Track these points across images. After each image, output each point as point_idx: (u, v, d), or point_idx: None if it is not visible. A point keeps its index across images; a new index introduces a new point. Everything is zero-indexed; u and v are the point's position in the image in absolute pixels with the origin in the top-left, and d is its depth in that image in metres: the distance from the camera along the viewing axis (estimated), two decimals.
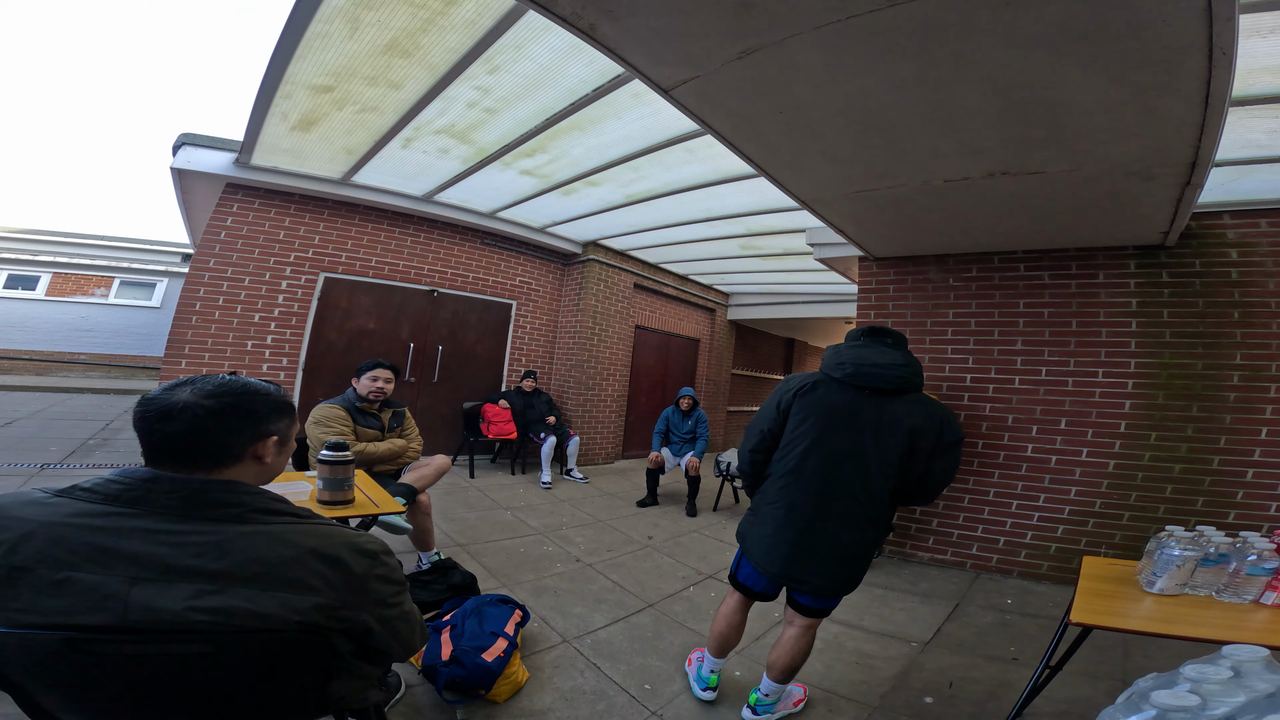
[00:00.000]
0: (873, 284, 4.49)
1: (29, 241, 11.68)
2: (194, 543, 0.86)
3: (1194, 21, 1.50)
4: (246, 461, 0.98)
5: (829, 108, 2.20)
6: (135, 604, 0.86)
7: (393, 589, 1.03)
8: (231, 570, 0.87)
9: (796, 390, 1.90)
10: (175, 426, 0.90)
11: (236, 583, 0.87)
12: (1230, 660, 1.05)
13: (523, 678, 2.09)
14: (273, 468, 1.04)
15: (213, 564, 0.86)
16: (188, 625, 0.86)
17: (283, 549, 0.91)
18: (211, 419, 0.92)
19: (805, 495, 1.81)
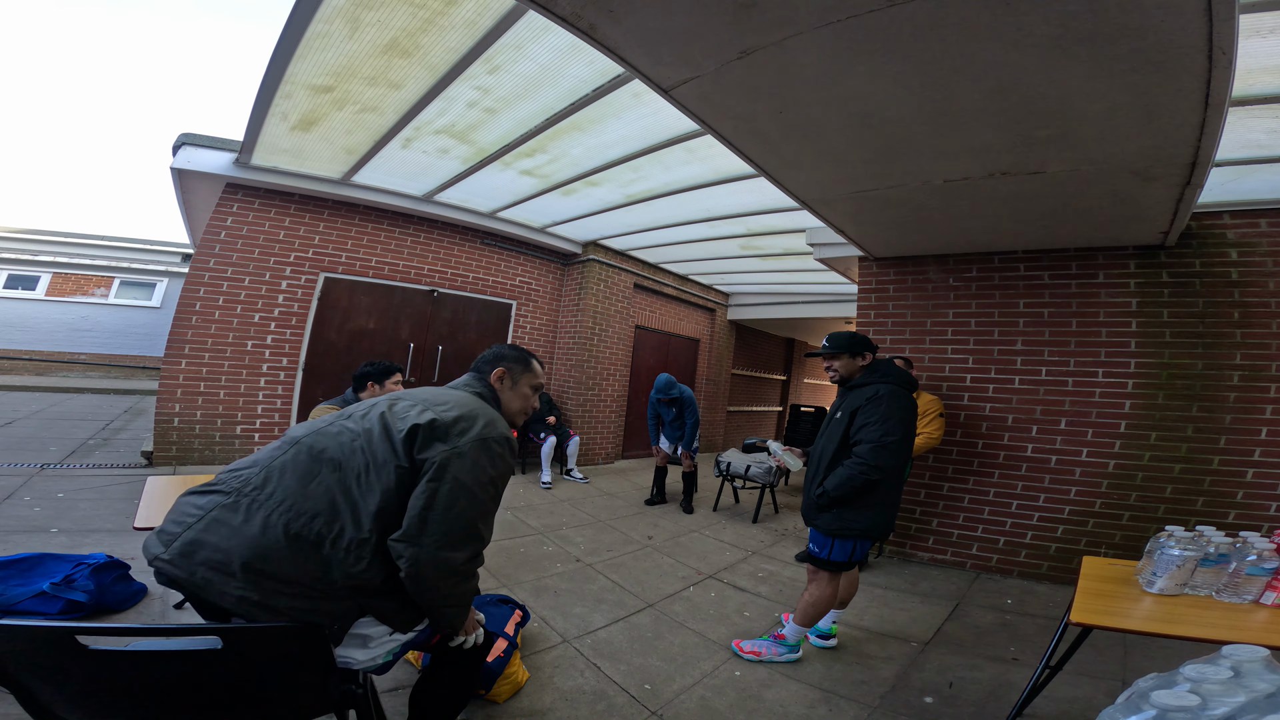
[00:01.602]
0: (873, 284, 4.49)
1: (29, 241, 11.68)
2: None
3: (1194, 21, 1.50)
4: (493, 380, 1.63)
5: (829, 108, 2.20)
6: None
7: (468, 466, 1.29)
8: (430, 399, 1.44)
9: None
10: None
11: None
12: (1230, 660, 1.05)
13: (523, 678, 2.09)
14: (504, 392, 1.63)
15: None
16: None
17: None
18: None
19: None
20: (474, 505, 1.27)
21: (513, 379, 1.64)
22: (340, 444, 1.30)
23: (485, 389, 1.59)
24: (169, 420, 4.72)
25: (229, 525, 1.16)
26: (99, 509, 3.48)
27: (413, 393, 1.51)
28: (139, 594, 2.43)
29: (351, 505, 1.22)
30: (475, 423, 1.36)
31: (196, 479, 2.43)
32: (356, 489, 1.24)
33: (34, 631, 0.92)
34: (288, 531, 1.15)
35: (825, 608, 2.42)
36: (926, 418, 3.71)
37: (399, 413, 1.37)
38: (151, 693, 0.98)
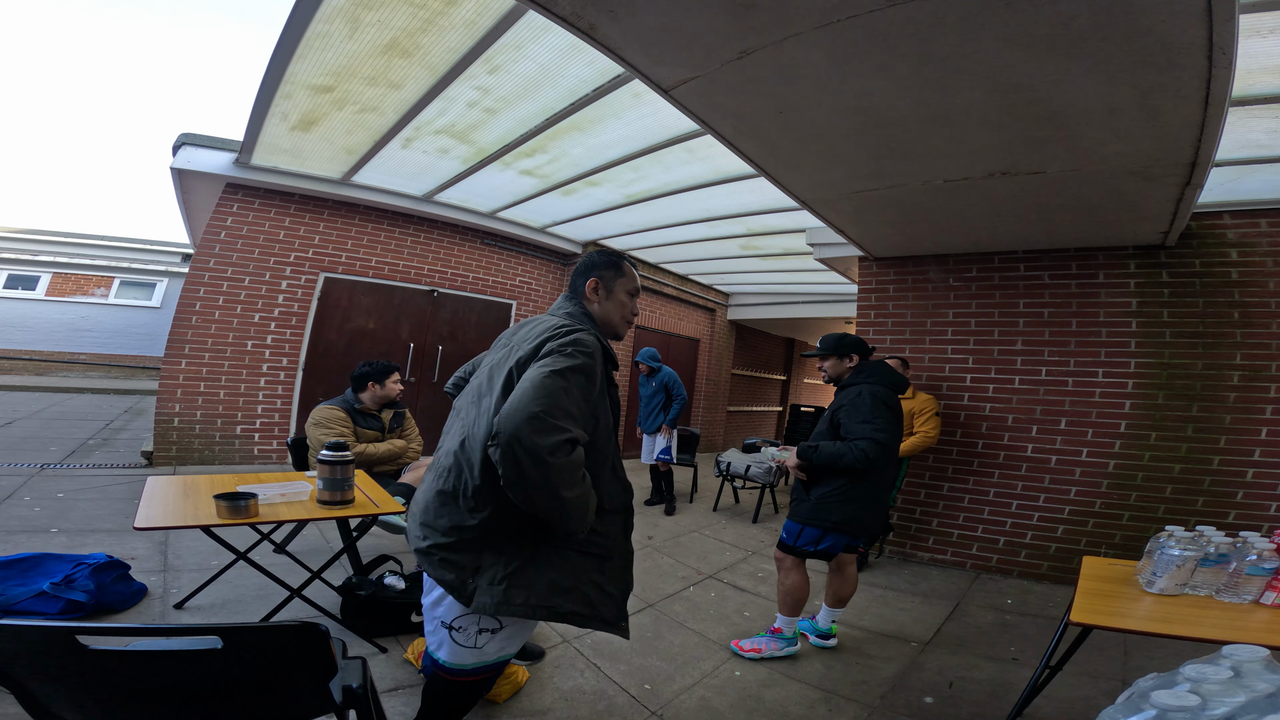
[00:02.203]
0: (873, 284, 4.49)
1: (29, 241, 11.68)
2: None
3: (1194, 21, 1.50)
4: (586, 293, 1.57)
5: (829, 108, 2.20)
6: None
7: (552, 361, 1.27)
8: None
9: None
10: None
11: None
12: (1230, 660, 1.05)
13: (523, 678, 2.09)
14: (597, 304, 1.57)
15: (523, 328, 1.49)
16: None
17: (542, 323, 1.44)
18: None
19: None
20: (544, 395, 1.18)
21: (606, 288, 1.56)
22: (465, 402, 1.43)
23: (576, 307, 1.54)
24: (169, 420, 4.72)
25: (423, 485, 1.41)
26: (99, 509, 3.48)
27: (510, 334, 1.54)
28: (139, 594, 2.43)
29: (468, 457, 1.30)
30: (561, 336, 1.33)
31: (197, 479, 2.43)
32: (472, 428, 1.32)
33: (34, 631, 0.92)
34: (437, 488, 1.33)
35: (800, 593, 2.48)
36: (923, 417, 3.72)
37: (506, 347, 1.43)
38: (152, 692, 0.98)
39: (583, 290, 1.57)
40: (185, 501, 2.12)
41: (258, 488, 2.20)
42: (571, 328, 1.36)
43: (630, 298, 1.62)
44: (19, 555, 2.32)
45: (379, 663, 2.15)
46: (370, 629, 2.29)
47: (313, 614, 2.29)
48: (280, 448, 5.10)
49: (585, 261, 1.61)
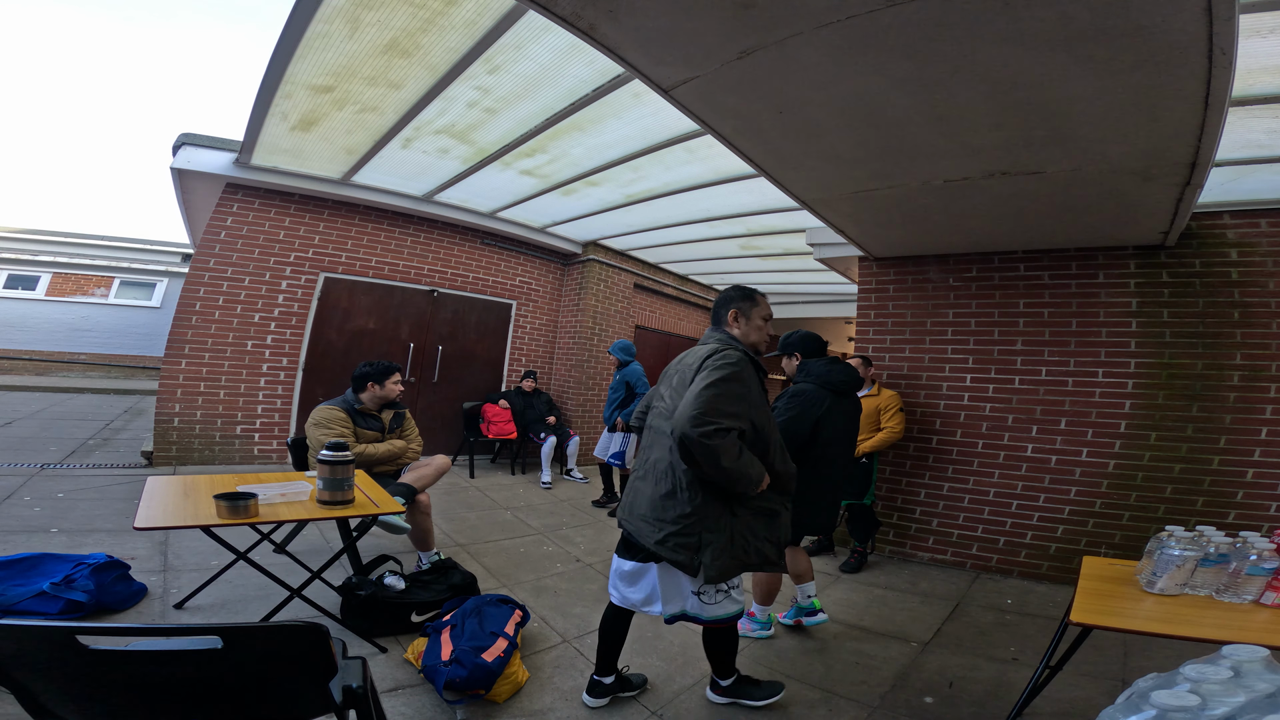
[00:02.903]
0: (873, 284, 4.49)
1: (29, 241, 11.68)
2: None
3: (1194, 21, 1.50)
4: (728, 322, 1.97)
5: (829, 108, 2.20)
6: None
7: (706, 375, 1.70)
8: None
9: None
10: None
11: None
12: (1230, 660, 1.05)
13: (523, 678, 2.09)
14: (739, 329, 1.97)
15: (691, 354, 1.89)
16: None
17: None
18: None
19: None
20: (700, 401, 1.63)
21: (745, 316, 1.97)
22: (662, 414, 1.83)
23: (721, 333, 1.96)
24: (169, 420, 4.72)
25: (642, 491, 1.85)
26: (99, 509, 3.48)
27: (677, 364, 1.93)
28: (139, 594, 2.43)
29: (677, 461, 1.71)
30: (714, 355, 1.76)
31: (197, 479, 2.43)
32: (675, 450, 1.69)
33: (34, 631, 0.92)
34: (661, 491, 1.77)
35: (770, 583, 2.62)
36: (889, 412, 3.78)
37: (685, 375, 1.80)
38: (152, 693, 0.98)
39: (725, 319, 1.98)
40: (185, 501, 2.12)
41: (258, 488, 2.20)
42: (720, 348, 1.81)
43: (765, 322, 2.01)
44: (19, 555, 2.32)
45: (379, 663, 2.15)
46: (370, 629, 2.29)
47: (313, 614, 2.29)
48: (280, 448, 5.11)
49: (724, 296, 2.02)
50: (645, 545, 1.78)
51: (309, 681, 1.07)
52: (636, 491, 1.87)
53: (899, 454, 4.22)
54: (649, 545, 1.77)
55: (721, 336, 1.94)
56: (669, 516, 1.74)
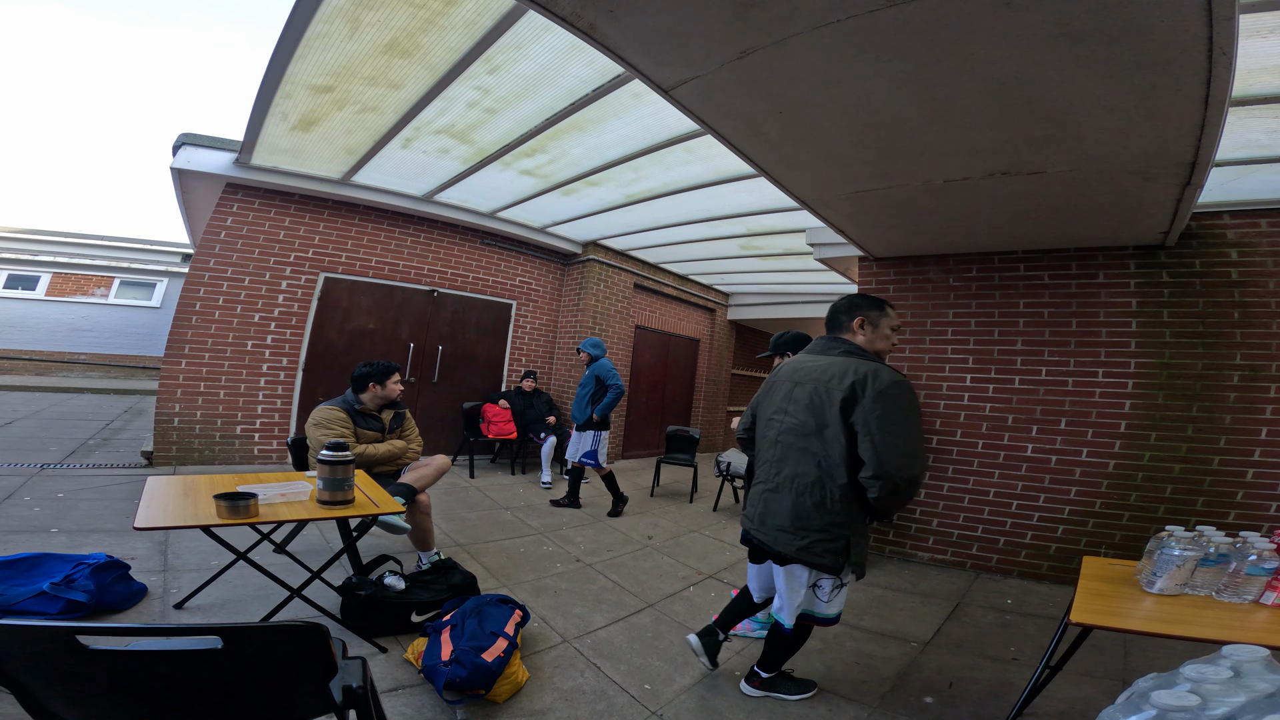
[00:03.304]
0: (873, 284, 4.49)
1: (29, 241, 11.68)
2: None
3: (1194, 21, 1.50)
4: (853, 330, 1.99)
5: (829, 108, 2.20)
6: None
7: (886, 406, 1.73)
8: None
9: None
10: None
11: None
12: (1230, 660, 1.05)
13: (523, 678, 2.08)
14: (864, 337, 1.97)
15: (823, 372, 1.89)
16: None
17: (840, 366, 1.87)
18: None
19: None
20: (914, 442, 1.74)
21: (873, 324, 1.97)
22: (797, 430, 1.89)
23: (850, 345, 1.94)
24: (169, 420, 4.72)
25: (778, 503, 1.90)
26: (99, 509, 3.48)
27: (804, 372, 1.96)
28: (139, 594, 2.43)
29: (830, 476, 1.80)
30: (867, 380, 1.77)
31: (197, 479, 2.43)
32: (824, 455, 1.81)
33: (34, 631, 0.92)
34: (810, 502, 1.82)
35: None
36: None
37: (819, 393, 1.85)
38: (152, 692, 0.98)
39: (848, 326, 1.98)
40: (185, 501, 2.12)
41: (258, 488, 2.20)
42: (878, 369, 1.81)
43: (893, 332, 2.01)
44: (19, 555, 2.32)
45: (379, 663, 2.15)
46: (370, 629, 2.29)
47: (313, 614, 2.29)
48: (280, 448, 5.11)
49: (848, 302, 2.02)
50: (782, 552, 1.89)
51: (309, 681, 1.07)
52: (769, 503, 1.95)
53: None
54: (787, 552, 1.87)
55: (850, 348, 1.93)
56: (816, 525, 1.82)
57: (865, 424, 1.72)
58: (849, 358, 1.88)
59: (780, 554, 1.90)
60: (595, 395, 4.74)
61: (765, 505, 1.96)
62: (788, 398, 1.96)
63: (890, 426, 1.70)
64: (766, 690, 2.14)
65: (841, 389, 1.78)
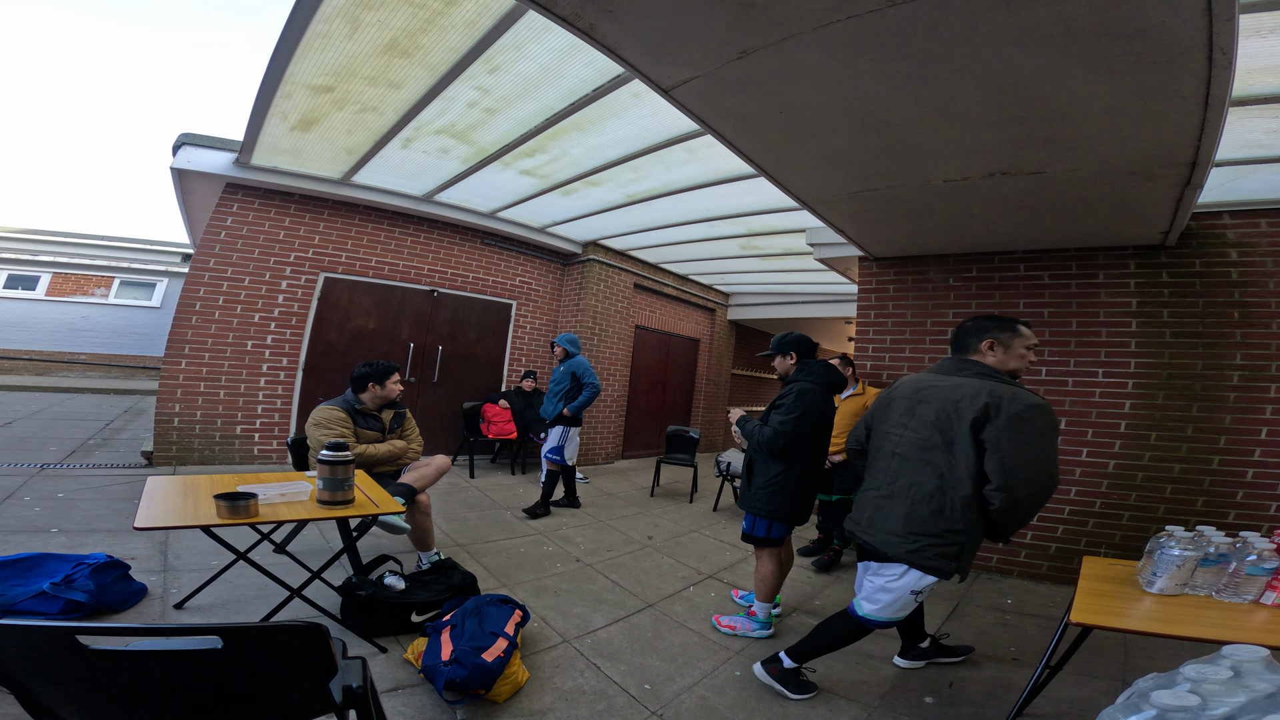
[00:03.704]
0: (873, 284, 4.49)
1: (29, 241, 11.68)
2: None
3: (1194, 22, 1.50)
4: (981, 351, 2.02)
5: (829, 108, 2.20)
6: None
7: (1012, 431, 1.79)
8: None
9: None
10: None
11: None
12: (1230, 660, 1.05)
13: (523, 678, 2.08)
14: (995, 358, 2.00)
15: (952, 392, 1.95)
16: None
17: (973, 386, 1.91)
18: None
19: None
20: (1049, 462, 1.81)
21: (1004, 346, 2.00)
22: (918, 444, 1.96)
23: (982, 366, 1.98)
24: (169, 420, 4.72)
25: (890, 509, 1.98)
26: (99, 509, 3.48)
27: (929, 391, 2.02)
28: (139, 594, 2.43)
29: (953, 487, 1.86)
30: (1003, 402, 1.82)
31: (197, 479, 2.43)
32: (948, 468, 1.87)
33: (34, 631, 0.92)
34: (930, 509, 1.89)
35: (773, 580, 2.66)
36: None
37: (947, 410, 1.91)
38: (151, 692, 0.99)
39: (976, 347, 2.03)
40: (185, 501, 2.12)
41: (258, 488, 2.20)
42: (1016, 392, 1.86)
43: (1029, 351, 2.03)
44: (19, 555, 2.32)
45: (379, 663, 2.15)
46: (370, 629, 2.29)
47: (313, 614, 2.30)
48: (280, 448, 5.11)
49: (976, 324, 2.06)
50: (888, 554, 1.97)
51: (309, 681, 1.07)
52: (879, 508, 2.03)
53: None
54: (894, 554, 1.95)
55: (982, 369, 1.98)
56: (930, 530, 1.89)
57: (996, 442, 1.79)
58: (982, 379, 1.93)
59: (885, 555, 1.98)
60: (570, 392, 4.66)
61: (876, 510, 2.03)
62: (909, 413, 2.03)
63: (1021, 446, 1.77)
64: (778, 681, 2.17)
65: (973, 409, 1.84)
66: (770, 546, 2.65)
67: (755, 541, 2.67)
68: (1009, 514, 1.82)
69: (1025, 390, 1.88)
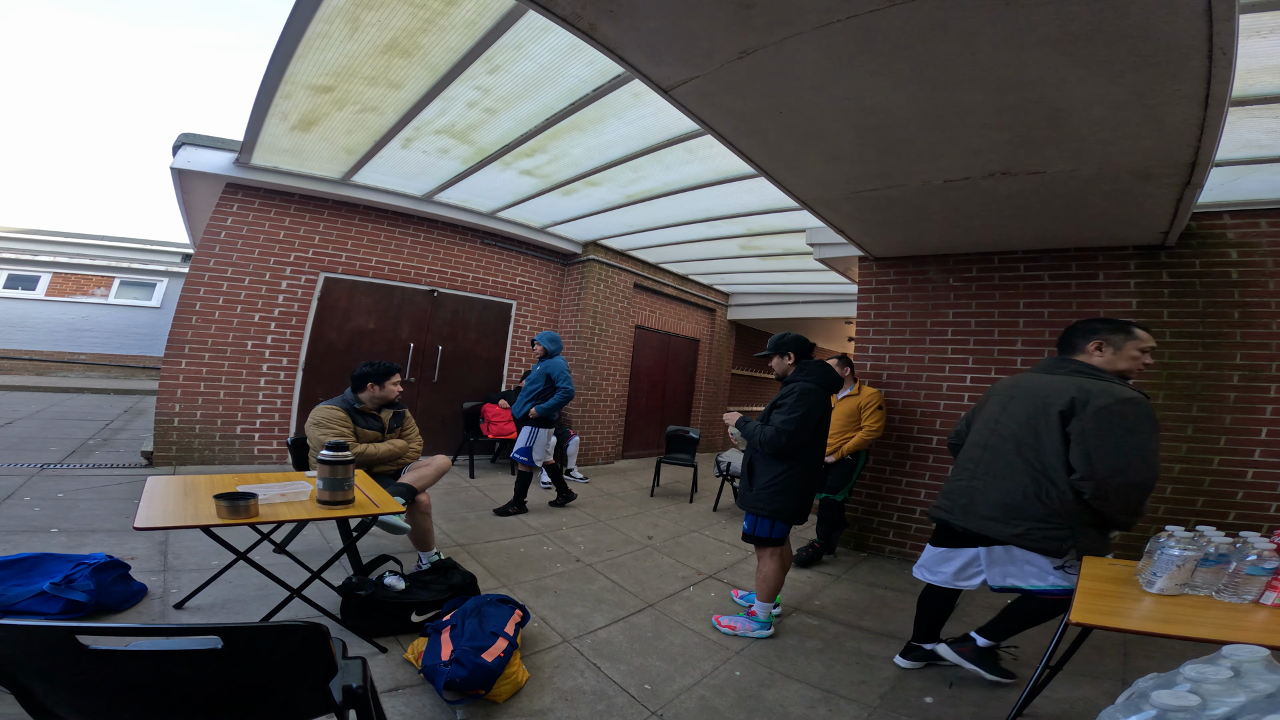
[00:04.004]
0: (873, 284, 4.49)
1: (29, 241, 11.68)
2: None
3: (1194, 21, 1.50)
4: (1088, 351, 2.13)
5: (829, 108, 2.20)
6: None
7: (1097, 422, 1.90)
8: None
9: None
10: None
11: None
12: (1230, 660, 1.05)
13: (523, 678, 2.09)
14: (1104, 358, 2.10)
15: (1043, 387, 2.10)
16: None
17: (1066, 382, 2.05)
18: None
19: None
20: (1112, 445, 1.87)
21: (1114, 347, 2.09)
22: (1009, 436, 2.11)
23: (1084, 365, 2.08)
24: (169, 420, 4.72)
25: (986, 494, 2.12)
26: (99, 509, 3.48)
27: (1022, 388, 2.16)
28: (139, 594, 2.43)
29: (1049, 478, 1.98)
30: (1090, 396, 1.93)
31: (197, 479, 2.43)
32: (1037, 460, 2.01)
33: (34, 631, 0.92)
34: (1011, 493, 2.05)
35: (774, 580, 2.68)
36: (868, 411, 3.79)
37: (1037, 405, 2.05)
38: (152, 692, 0.99)
39: (1082, 348, 2.13)
40: (185, 501, 2.12)
41: (258, 488, 2.20)
42: (1110, 386, 1.95)
43: (1142, 353, 2.09)
44: (19, 555, 2.32)
45: (379, 663, 2.15)
46: (370, 629, 2.29)
47: (313, 614, 2.30)
48: (280, 448, 5.11)
49: (1085, 326, 2.16)
50: (993, 536, 2.09)
51: (309, 681, 1.07)
52: (975, 493, 2.17)
53: (899, 454, 4.22)
54: (1000, 536, 2.08)
55: (1079, 367, 2.08)
56: (1032, 515, 2.01)
57: (1081, 434, 1.90)
58: (1075, 376, 2.04)
59: (991, 538, 2.10)
60: (542, 393, 4.52)
61: (970, 498, 2.18)
62: (1003, 409, 2.18)
63: (1106, 437, 1.86)
64: (972, 663, 2.27)
65: (1060, 403, 1.97)
66: (772, 546, 2.66)
67: (757, 542, 2.67)
68: (1104, 503, 1.90)
69: (1122, 386, 1.97)
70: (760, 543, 2.66)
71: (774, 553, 2.67)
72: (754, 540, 2.68)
